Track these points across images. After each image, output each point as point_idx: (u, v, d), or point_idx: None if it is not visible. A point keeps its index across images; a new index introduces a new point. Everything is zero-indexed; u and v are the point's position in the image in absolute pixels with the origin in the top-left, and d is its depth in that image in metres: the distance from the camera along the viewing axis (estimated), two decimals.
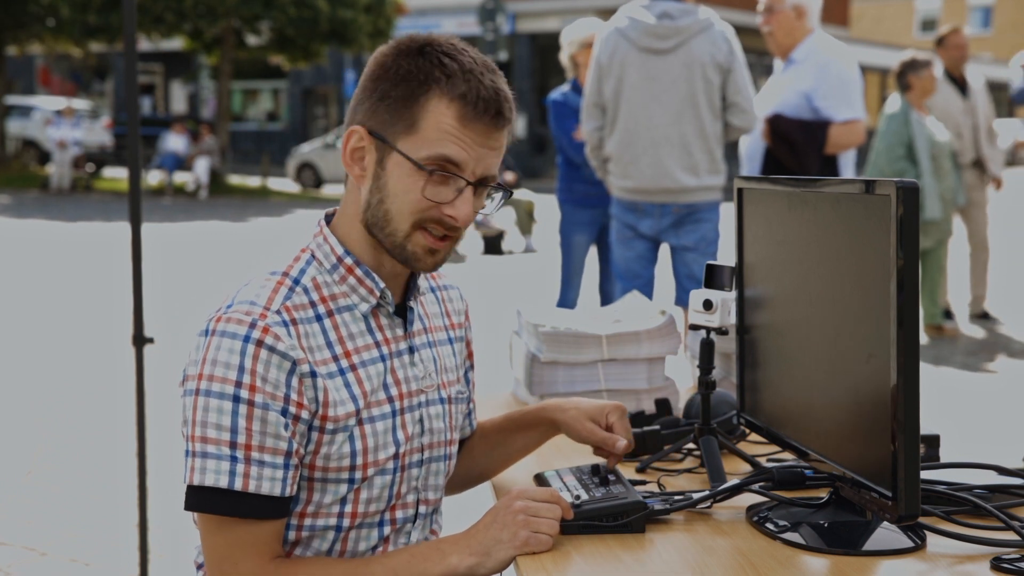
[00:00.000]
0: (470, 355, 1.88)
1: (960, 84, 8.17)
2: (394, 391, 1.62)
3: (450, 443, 1.73)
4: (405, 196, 1.55)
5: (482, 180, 1.58)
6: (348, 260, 1.61)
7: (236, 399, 1.48)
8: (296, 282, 1.58)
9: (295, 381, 1.51)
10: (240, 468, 1.48)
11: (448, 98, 1.53)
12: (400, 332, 1.65)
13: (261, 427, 1.49)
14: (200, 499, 1.49)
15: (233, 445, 1.48)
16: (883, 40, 43.88)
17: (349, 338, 1.59)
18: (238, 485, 1.48)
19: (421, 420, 1.66)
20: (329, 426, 1.54)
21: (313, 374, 1.53)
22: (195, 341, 1.54)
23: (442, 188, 1.55)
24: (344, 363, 1.57)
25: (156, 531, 3.80)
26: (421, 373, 1.67)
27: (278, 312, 1.53)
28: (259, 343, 1.49)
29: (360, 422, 1.57)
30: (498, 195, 1.63)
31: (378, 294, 1.61)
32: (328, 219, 1.66)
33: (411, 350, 1.66)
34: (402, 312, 1.67)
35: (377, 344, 1.62)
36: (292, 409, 1.51)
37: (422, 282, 1.76)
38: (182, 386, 1.54)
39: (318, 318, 1.57)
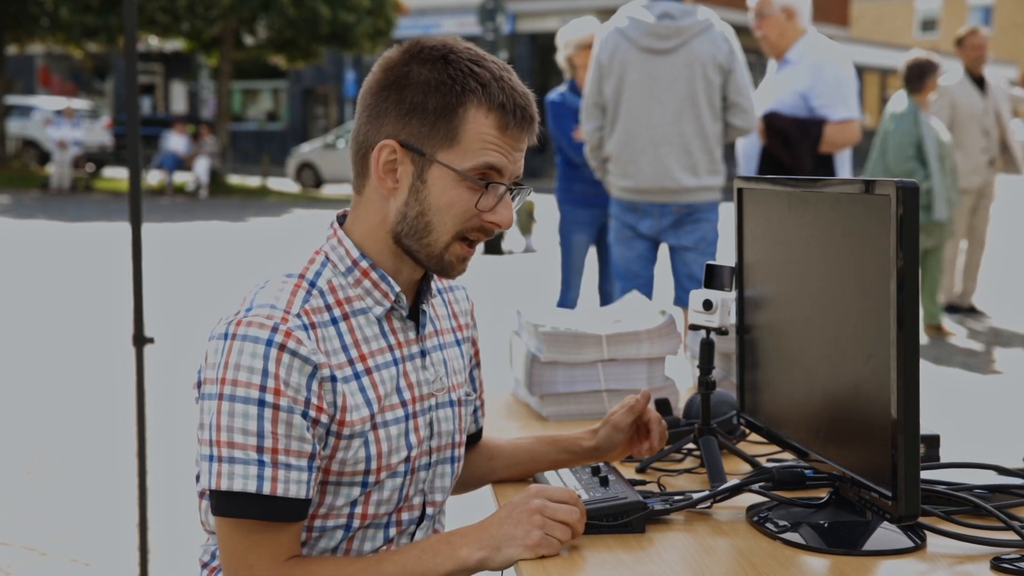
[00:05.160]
0: (476, 354, 1.88)
1: (979, 83, 8.27)
2: (407, 395, 1.62)
3: (458, 445, 1.73)
4: (451, 208, 1.55)
5: (515, 181, 1.60)
6: (364, 263, 1.60)
7: (261, 403, 1.47)
8: (312, 284, 1.57)
9: (315, 385, 1.51)
10: (268, 472, 1.48)
11: (487, 107, 1.54)
12: (412, 335, 1.65)
13: (287, 430, 1.49)
14: (229, 504, 1.49)
15: (260, 449, 1.48)
16: (883, 40, 43.89)
17: (364, 342, 1.58)
18: (267, 489, 1.48)
19: (431, 423, 1.66)
20: (345, 431, 1.54)
21: (332, 378, 1.53)
22: (213, 344, 1.53)
23: (486, 197, 1.56)
24: (359, 367, 1.57)
25: (156, 531, 3.80)
26: (432, 376, 1.67)
27: (298, 315, 1.52)
28: (282, 347, 1.49)
29: (375, 427, 1.57)
30: (522, 192, 1.63)
31: (393, 297, 1.61)
32: (340, 221, 1.65)
33: (423, 353, 1.66)
34: (414, 315, 1.67)
35: (390, 348, 1.61)
36: (312, 413, 1.51)
37: (431, 284, 1.76)
38: (199, 389, 1.54)
39: (334, 321, 1.57)
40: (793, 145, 4.92)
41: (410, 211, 1.57)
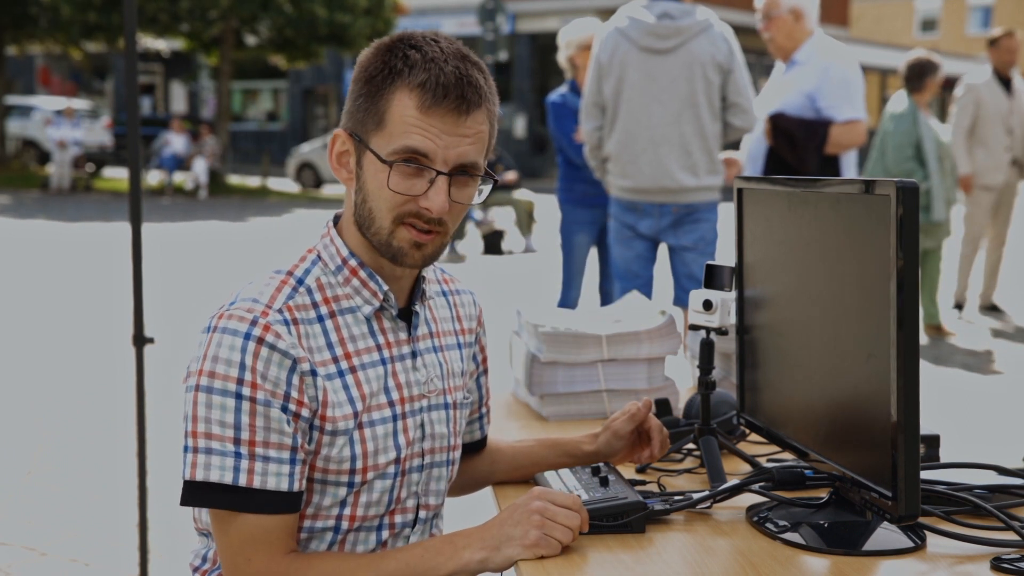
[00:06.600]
0: (484, 361, 1.87)
1: (1006, 84, 8.34)
2: (395, 395, 1.62)
3: (453, 448, 1.72)
4: (380, 192, 1.54)
5: (460, 169, 1.55)
6: (352, 262, 1.60)
7: (238, 396, 1.48)
8: (300, 282, 1.58)
9: (295, 379, 1.51)
10: (244, 464, 1.48)
11: (408, 88, 1.52)
12: (403, 336, 1.65)
13: (264, 423, 1.49)
14: (203, 495, 1.50)
15: (237, 441, 1.49)
16: (883, 40, 43.87)
17: (350, 340, 1.58)
18: (242, 481, 1.48)
19: (422, 425, 1.65)
20: (328, 427, 1.54)
21: (313, 373, 1.53)
22: (199, 338, 1.55)
23: (414, 180, 1.53)
24: (344, 364, 1.57)
25: (156, 531, 3.80)
26: (423, 378, 1.66)
27: (280, 311, 1.53)
28: (260, 340, 1.49)
29: (360, 426, 1.57)
30: (486, 185, 1.60)
31: (381, 297, 1.61)
32: (336, 220, 1.66)
33: (414, 354, 1.66)
34: (407, 316, 1.67)
35: (379, 347, 1.61)
36: (292, 407, 1.51)
37: (433, 286, 1.75)
38: (185, 382, 1.55)
39: (320, 319, 1.57)
40: (799, 146, 4.92)
41: (358, 199, 1.58)
